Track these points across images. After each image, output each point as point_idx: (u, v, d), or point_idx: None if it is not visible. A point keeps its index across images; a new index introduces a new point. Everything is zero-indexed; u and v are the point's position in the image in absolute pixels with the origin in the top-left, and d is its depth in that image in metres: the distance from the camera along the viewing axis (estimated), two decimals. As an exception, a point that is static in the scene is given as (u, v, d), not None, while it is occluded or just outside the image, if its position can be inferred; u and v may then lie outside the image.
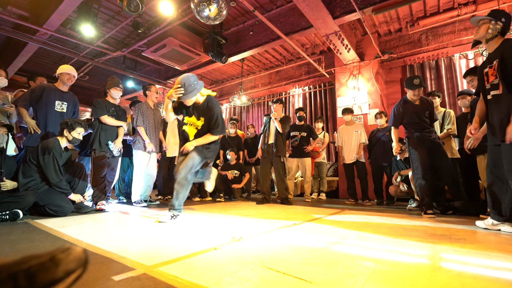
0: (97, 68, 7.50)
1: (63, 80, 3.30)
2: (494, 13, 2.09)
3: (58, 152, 2.77)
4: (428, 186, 2.95)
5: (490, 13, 2.10)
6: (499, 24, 2.06)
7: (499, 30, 2.06)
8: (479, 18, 2.14)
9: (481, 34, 2.13)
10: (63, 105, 3.30)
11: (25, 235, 1.78)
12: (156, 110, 3.94)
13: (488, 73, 2.12)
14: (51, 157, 2.70)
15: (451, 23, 5.08)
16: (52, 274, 0.55)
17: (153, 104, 3.91)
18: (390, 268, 1.20)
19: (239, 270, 1.14)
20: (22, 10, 4.90)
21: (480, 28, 2.14)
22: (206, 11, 3.63)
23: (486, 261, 1.31)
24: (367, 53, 5.61)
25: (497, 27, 2.06)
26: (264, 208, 3.59)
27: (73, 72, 3.37)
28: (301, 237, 1.82)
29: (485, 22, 2.11)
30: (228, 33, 5.84)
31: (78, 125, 2.93)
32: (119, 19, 5.36)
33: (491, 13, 2.09)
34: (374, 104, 5.42)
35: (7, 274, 0.52)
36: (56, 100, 3.23)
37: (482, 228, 2.23)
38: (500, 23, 2.05)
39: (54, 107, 3.22)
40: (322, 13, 4.08)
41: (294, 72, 7.31)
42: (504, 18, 2.06)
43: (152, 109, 3.85)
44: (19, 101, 3.08)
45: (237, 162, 4.85)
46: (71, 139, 2.91)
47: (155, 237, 1.78)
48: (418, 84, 3.09)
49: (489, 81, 2.12)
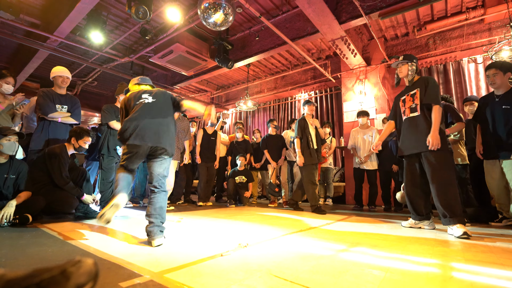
0: (105, 74, 7.63)
1: (58, 83, 3.32)
2: (407, 57, 2.69)
3: (64, 158, 2.82)
4: None
5: (405, 57, 2.70)
6: (414, 65, 2.66)
7: (415, 69, 2.68)
8: (397, 62, 2.74)
9: (404, 73, 2.72)
10: (63, 109, 3.32)
11: (34, 239, 1.80)
12: (179, 120, 4.04)
13: (406, 99, 2.70)
14: (57, 162, 2.75)
15: (459, 27, 5.03)
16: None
17: (178, 114, 4.00)
18: (400, 277, 1.17)
19: (246, 278, 1.13)
20: (34, 18, 5.02)
21: (401, 68, 2.73)
22: (213, 17, 3.66)
23: (500, 272, 1.28)
24: (374, 57, 5.59)
25: (413, 67, 2.67)
26: (270, 214, 3.57)
27: (65, 74, 3.35)
28: (308, 244, 1.80)
29: (403, 63, 2.71)
30: (234, 38, 5.88)
31: (86, 134, 2.99)
32: (127, 26, 5.45)
33: (405, 56, 2.70)
34: (381, 108, 5.38)
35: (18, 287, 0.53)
36: (56, 104, 3.27)
37: (406, 227, 2.63)
38: (414, 63, 2.66)
39: (56, 111, 3.26)
40: (328, 19, 4.08)
41: (300, 77, 7.31)
42: (414, 59, 2.68)
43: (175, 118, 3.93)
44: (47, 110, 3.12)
45: (245, 168, 4.84)
46: (77, 147, 2.96)
47: (162, 243, 1.78)
48: None
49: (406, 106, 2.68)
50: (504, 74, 2.67)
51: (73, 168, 3.08)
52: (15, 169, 2.55)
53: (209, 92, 8.96)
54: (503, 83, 2.69)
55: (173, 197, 4.55)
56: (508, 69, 2.67)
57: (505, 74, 2.67)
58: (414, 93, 2.59)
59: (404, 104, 2.70)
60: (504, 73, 2.67)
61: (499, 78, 2.68)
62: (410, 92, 2.64)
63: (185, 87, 8.37)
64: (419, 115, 2.51)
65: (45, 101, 3.15)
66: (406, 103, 2.67)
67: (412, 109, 2.59)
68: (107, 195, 3.25)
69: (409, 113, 2.61)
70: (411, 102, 2.61)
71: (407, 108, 2.64)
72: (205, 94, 9.05)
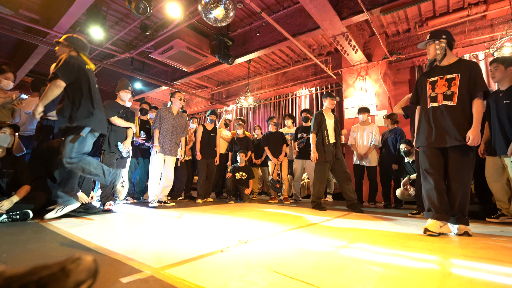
0: (105, 69, 7.60)
1: None
2: (433, 34, 2.33)
3: None
4: None
5: (431, 35, 2.34)
6: (443, 42, 2.28)
7: (445, 46, 2.28)
8: (424, 42, 2.39)
9: (432, 54, 2.34)
10: None
11: (35, 235, 1.81)
12: (178, 116, 4.03)
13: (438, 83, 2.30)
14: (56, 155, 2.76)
15: (461, 23, 5.00)
16: (63, 285, 0.55)
17: (177, 110, 4.03)
18: (399, 273, 1.18)
19: (246, 274, 1.14)
20: (33, 13, 5.00)
21: (429, 49, 2.35)
22: (213, 13, 3.64)
23: (498, 268, 1.28)
24: (375, 54, 5.56)
25: (442, 45, 2.27)
26: (270, 210, 3.58)
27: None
28: (308, 240, 1.81)
29: (429, 43, 2.35)
30: (235, 34, 5.85)
31: None
32: (128, 21, 5.42)
33: (431, 34, 2.34)
34: (382, 105, 5.37)
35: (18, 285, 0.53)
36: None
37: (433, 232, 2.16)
38: (443, 39, 2.28)
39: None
40: (329, 14, 4.06)
41: (301, 73, 7.28)
42: (443, 34, 2.29)
43: (174, 114, 3.96)
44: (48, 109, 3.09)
45: (246, 164, 4.85)
46: None
47: (163, 238, 1.79)
48: None
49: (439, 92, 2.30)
50: (505, 68, 2.66)
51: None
52: (13, 163, 2.55)
53: (210, 88, 8.94)
54: (504, 77, 2.67)
55: (174, 193, 4.56)
56: (510, 63, 2.66)
57: (507, 68, 2.66)
58: (453, 78, 2.20)
59: (433, 87, 2.30)
60: (505, 67, 2.66)
61: (499, 72, 2.68)
62: (446, 75, 2.24)
63: (185, 83, 8.36)
64: (456, 106, 2.15)
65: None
66: (438, 87, 2.27)
67: (446, 97, 2.20)
68: (107, 191, 3.26)
69: (441, 100, 2.22)
70: (445, 87, 2.22)
71: (439, 94, 2.24)
72: (206, 90, 9.04)
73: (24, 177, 2.57)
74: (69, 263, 0.58)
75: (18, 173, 2.55)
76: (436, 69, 2.34)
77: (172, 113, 3.96)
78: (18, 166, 2.57)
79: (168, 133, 3.86)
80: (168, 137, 3.85)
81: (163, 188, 3.87)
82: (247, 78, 7.77)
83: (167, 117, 3.90)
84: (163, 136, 3.83)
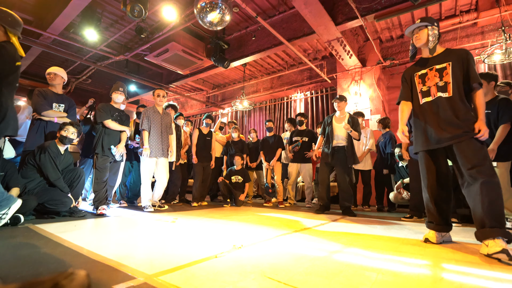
0: (100, 71, 7.56)
1: (48, 79, 3.30)
2: (426, 19, 2.08)
3: (53, 152, 2.83)
4: None
5: (423, 19, 2.09)
6: (435, 29, 2.06)
7: (438, 35, 2.07)
8: (414, 26, 2.12)
9: (423, 40, 2.08)
10: (60, 107, 3.30)
11: (26, 240, 1.78)
12: (164, 115, 3.91)
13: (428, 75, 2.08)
14: (47, 156, 2.76)
15: (452, 30, 5.10)
16: None
17: (161, 108, 3.90)
18: (392, 278, 1.19)
19: (240, 280, 1.14)
20: (26, 14, 4.95)
21: (420, 34, 2.09)
22: (209, 16, 3.65)
23: (489, 273, 1.30)
24: (369, 59, 5.63)
25: (435, 32, 2.05)
26: (265, 214, 3.58)
27: (52, 71, 3.32)
28: (302, 245, 1.81)
29: (421, 28, 2.09)
30: (230, 38, 5.87)
31: (68, 124, 2.98)
32: (123, 23, 5.40)
33: (424, 19, 2.09)
34: (376, 110, 5.43)
35: None
36: (53, 103, 3.25)
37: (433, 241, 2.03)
38: (436, 27, 2.06)
39: (52, 109, 3.23)
40: (324, 20, 4.11)
41: (296, 77, 7.33)
42: (436, 22, 2.08)
43: (160, 113, 3.84)
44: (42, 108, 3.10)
45: (241, 168, 4.83)
46: (64, 141, 2.95)
47: (156, 244, 1.78)
48: None
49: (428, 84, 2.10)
50: (488, 83, 2.81)
51: (70, 169, 3.07)
52: (3, 166, 2.52)
53: (205, 91, 8.94)
54: (488, 91, 2.82)
55: (168, 196, 4.53)
56: (491, 78, 2.82)
57: (489, 83, 2.82)
58: (444, 67, 2.00)
59: (424, 81, 2.09)
60: (488, 82, 2.81)
61: (484, 87, 2.74)
62: (436, 65, 2.04)
63: (180, 86, 8.34)
64: (452, 97, 1.94)
65: (40, 99, 3.12)
66: (429, 80, 2.06)
67: (440, 88, 2.00)
68: (101, 195, 3.23)
69: (436, 93, 2.02)
70: (437, 78, 2.02)
71: (432, 86, 2.04)
72: (201, 93, 9.03)
73: (13, 180, 2.53)
74: (62, 278, 0.58)
75: (7, 176, 2.52)
76: (421, 62, 2.16)
77: (158, 112, 3.83)
78: (7, 168, 2.53)
79: (158, 134, 3.74)
80: (158, 138, 3.74)
81: (158, 192, 3.83)
82: (243, 82, 7.79)
83: (155, 116, 3.76)
84: (153, 137, 3.70)
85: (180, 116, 4.99)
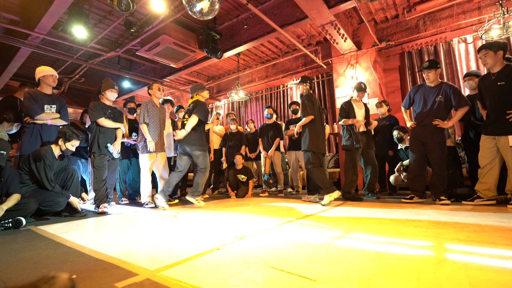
0: (92, 69, 7.44)
1: (48, 83, 3.25)
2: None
3: (49, 160, 2.78)
4: None
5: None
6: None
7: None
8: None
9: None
10: (52, 108, 3.25)
11: (28, 243, 1.78)
12: (162, 108, 3.85)
13: None
14: (42, 165, 2.72)
15: (448, 7, 4.98)
16: None
17: (159, 102, 3.84)
18: (395, 262, 1.19)
19: (242, 271, 1.13)
20: (12, 14, 4.83)
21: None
22: (198, 6, 3.55)
23: (492, 251, 1.30)
24: (364, 41, 5.54)
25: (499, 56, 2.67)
26: (266, 204, 3.59)
27: (55, 73, 3.31)
28: (304, 233, 1.81)
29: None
30: (222, 28, 5.76)
31: (75, 138, 2.94)
32: (111, 18, 5.28)
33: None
34: (373, 93, 5.38)
35: None
36: (45, 104, 3.20)
37: None
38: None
39: (44, 111, 3.18)
40: (316, 3, 4.00)
41: (291, 65, 7.23)
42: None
43: (158, 107, 3.77)
44: (34, 112, 3.06)
45: (243, 166, 4.76)
46: (64, 150, 2.92)
47: (158, 239, 1.77)
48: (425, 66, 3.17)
49: None
50: (495, 53, 2.70)
51: (62, 169, 3.04)
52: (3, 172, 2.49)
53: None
54: (496, 61, 2.72)
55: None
56: (498, 47, 2.70)
57: (497, 53, 2.70)
58: None
59: None
60: (495, 52, 2.70)
61: (490, 57, 2.71)
62: None
63: (175, 79, 8.23)
64: None
65: (31, 103, 3.07)
66: None
67: None
68: (101, 194, 3.22)
69: None
70: None
71: None
72: (196, 86, 8.91)
73: (14, 185, 2.51)
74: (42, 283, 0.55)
75: (8, 181, 2.50)
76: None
77: (156, 105, 3.76)
78: (8, 174, 2.51)
79: (156, 128, 3.69)
80: (157, 132, 3.69)
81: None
82: (237, 72, 7.68)
83: (154, 110, 3.70)
84: (152, 131, 3.64)
85: (181, 109, 4.94)
